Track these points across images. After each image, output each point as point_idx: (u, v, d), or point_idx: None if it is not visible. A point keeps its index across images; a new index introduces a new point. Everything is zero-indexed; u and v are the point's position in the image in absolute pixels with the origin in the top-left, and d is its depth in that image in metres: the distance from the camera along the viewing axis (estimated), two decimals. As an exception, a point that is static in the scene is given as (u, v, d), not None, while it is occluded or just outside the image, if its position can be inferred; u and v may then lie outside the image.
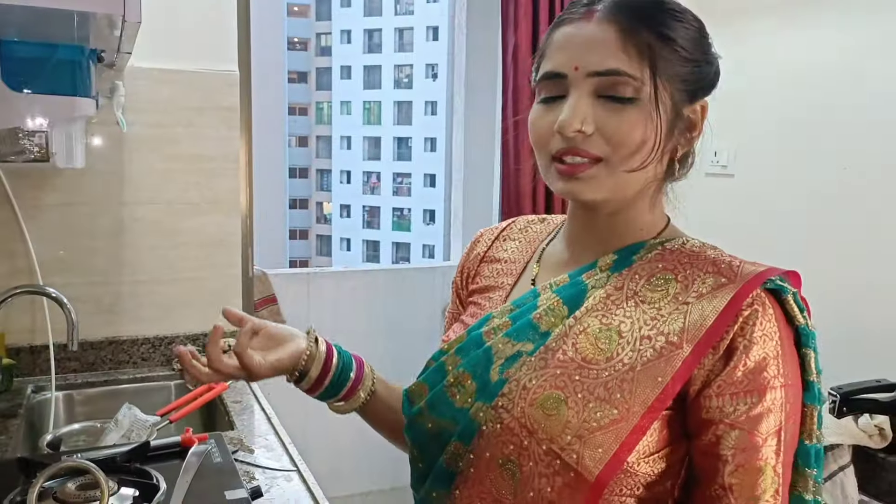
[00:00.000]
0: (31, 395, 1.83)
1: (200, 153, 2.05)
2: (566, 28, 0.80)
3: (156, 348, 2.05)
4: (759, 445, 0.72)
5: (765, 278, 0.75)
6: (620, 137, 0.76)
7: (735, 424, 0.72)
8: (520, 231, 0.99)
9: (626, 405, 0.73)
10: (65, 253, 1.94)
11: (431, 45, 31.96)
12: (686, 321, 0.74)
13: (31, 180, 1.88)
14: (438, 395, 0.85)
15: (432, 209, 31.82)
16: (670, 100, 0.78)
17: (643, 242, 0.83)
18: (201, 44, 2.02)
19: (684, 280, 0.78)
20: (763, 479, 0.72)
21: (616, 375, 0.74)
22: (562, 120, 0.76)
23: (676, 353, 0.73)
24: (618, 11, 0.77)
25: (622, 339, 0.76)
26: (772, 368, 0.73)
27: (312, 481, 1.41)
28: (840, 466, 1.64)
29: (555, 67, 0.79)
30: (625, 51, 0.76)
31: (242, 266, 2.18)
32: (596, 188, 0.78)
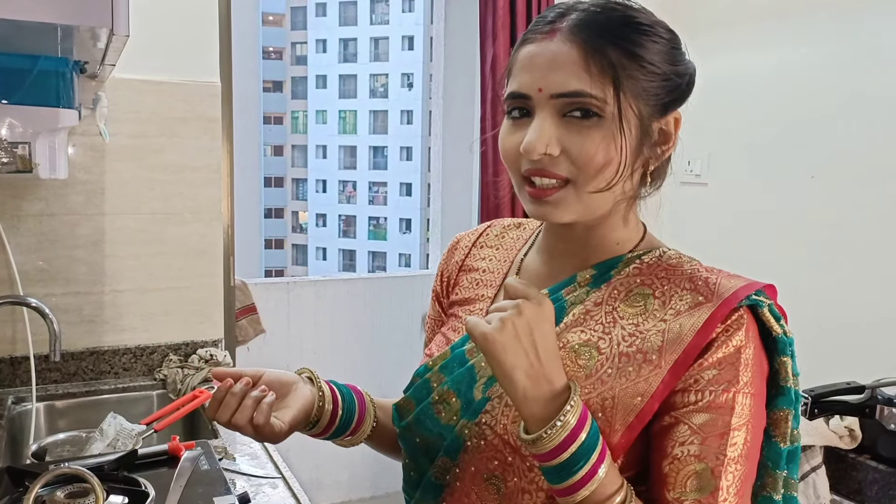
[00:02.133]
0: (12, 407, 1.82)
1: (183, 163, 2.06)
2: (530, 47, 0.78)
3: (137, 358, 2.05)
4: (703, 441, 0.72)
5: (741, 297, 0.74)
6: (585, 158, 0.75)
7: (680, 419, 0.73)
8: (497, 237, 0.98)
9: (607, 425, 0.73)
10: (46, 263, 1.94)
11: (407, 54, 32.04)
12: (664, 339, 0.75)
13: (12, 190, 1.88)
14: (425, 412, 0.86)
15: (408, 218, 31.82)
16: (637, 117, 0.77)
17: (621, 257, 0.83)
18: (183, 55, 2.03)
19: (661, 296, 0.78)
20: (699, 477, 0.71)
21: (597, 395, 0.75)
22: (527, 142, 0.76)
23: (654, 373, 0.73)
24: (580, 30, 0.76)
25: (601, 355, 0.77)
26: (728, 373, 0.72)
27: (298, 488, 1.43)
28: (812, 467, 1.68)
29: (519, 88, 0.78)
30: (587, 70, 0.75)
31: (224, 275, 2.19)
32: (565, 210, 0.78)
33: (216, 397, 0.84)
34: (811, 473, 1.68)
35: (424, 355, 0.94)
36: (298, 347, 2.99)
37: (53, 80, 1.58)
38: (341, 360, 2.98)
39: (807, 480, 1.69)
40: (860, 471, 1.66)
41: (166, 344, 2.09)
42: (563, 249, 0.86)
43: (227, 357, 2.11)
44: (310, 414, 0.90)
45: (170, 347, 2.09)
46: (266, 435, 0.85)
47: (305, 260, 34.86)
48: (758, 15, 2.63)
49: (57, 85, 1.58)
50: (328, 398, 0.91)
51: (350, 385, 0.96)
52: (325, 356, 3.00)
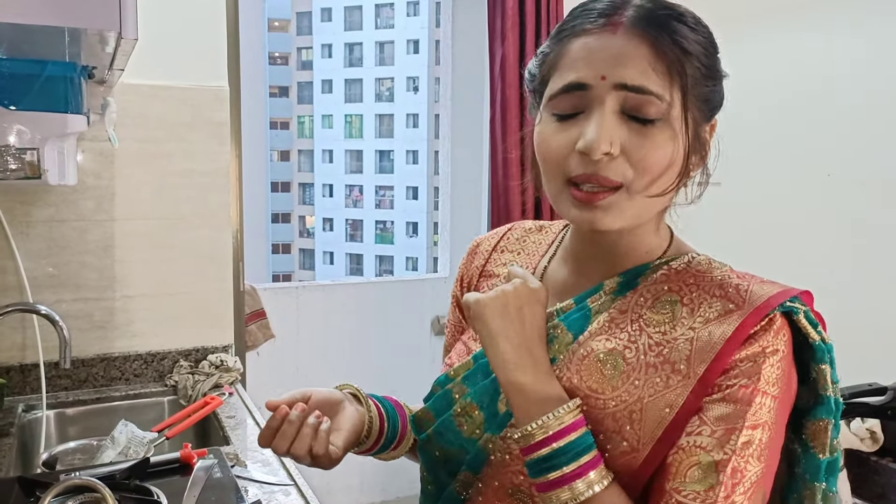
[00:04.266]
0: (22, 415, 1.81)
1: (191, 168, 2.05)
2: (586, 39, 0.73)
3: (148, 364, 2.04)
4: (709, 434, 0.68)
5: (774, 305, 0.71)
6: (648, 162, 0.71)
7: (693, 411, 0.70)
8: (517, 241, 0.94)
9: (636, 437, 0.71)
10: (55, 269, 1.93)
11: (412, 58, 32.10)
12: (692, 348, 0.71)
13: (22, 196, 1.87)
14: (446, 424, 0.83)
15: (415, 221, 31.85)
16: (694, 122, 0.74)
17: (648, 264, 0.80)
18: (191, 60, 2.02)
19: (690, 303, 0.75)
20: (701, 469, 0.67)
21: (624, 407, 0.72)
22: (589, 140, 0.70)
23: (683, 383, 0.70)
24: (647, 25, 0.71)
25: (627, 365, 0.73)
26: (750, 369, 0.69)
27: (310, 494, 1.41)
28: (833, 470, 1.66)
29: (578, 78, 0.72)
30: (654, 69, 0.70)
31: (234, 281, 2.18)
32: (615, 217, 0.73)
33: (270, 426, 0.80)
34: (832, 477, 1.66)
35: (444, 364, 0.91)
36: (308, 352, 2.98)
37: (61, 85, 1.57)
38: (350, 363, 2.97)
39: (827, 484, 1.66)
40: (882, 474, 1.63)
41: (177, 350, 2.08)
42: (591, 255, 0.82)
43: (238, 363, 2.10)
44: (360, 434, 0.87)
45: (180, 353, 2.08)
46: (323, 463, 0.82)
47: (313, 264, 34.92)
48: (773, 12, 2.61)
49: (65, 90, 1.57)
50: (375, 416, 0.89)
51: (390, 398, 0.94)
52: (335, 360, 2.98)
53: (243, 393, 1.99)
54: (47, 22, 1.12)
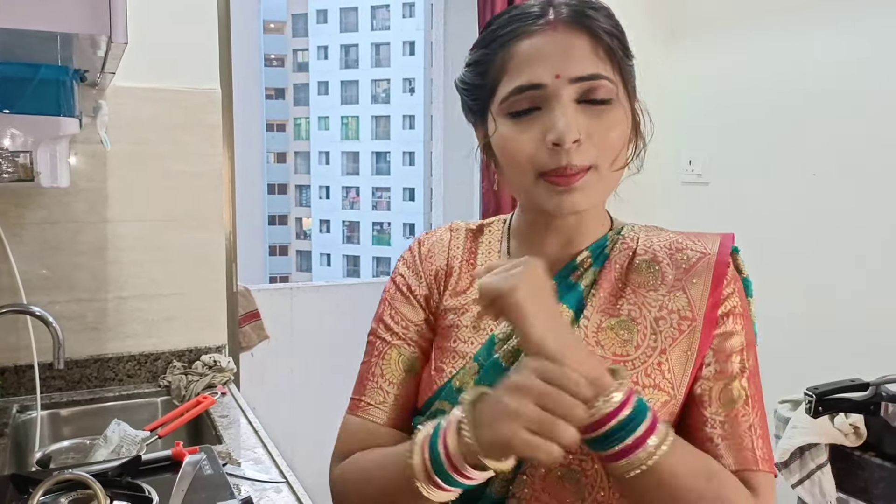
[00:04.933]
0: (17, 416, 1.83)
1: (184, 170, 2.07)
2: (530, 40, 0.79)
3: (141, 365, 2.05)
4: (726, 359, 0.81)
5: (729, 246, 0.86)
6: (609, 141, 0.79)
7: (708, 345, 0.82)
8: (466, 240, 0.94)
9: (670, 385, 0.80)
10: (49, 271, 1.94)
11: (408, 59, 32.15)
12: (688, 295, 0.83)
13: (15, 199, 1.89)
14: None
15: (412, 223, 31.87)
16: (630, 97, 0.84)
17: (605, 236, 0.88)
18: (183, 62, 2.04)
19: (664, 259, 0.85)
20: (731, 389, 0.80)
21: (651, 361, 0.81)
22: (560, 131, 0.76)
23: (693, 326, 0.82)
24: (581, 18, 0.79)
25: (639, 325, 0.82)
26: (730, 302, 0.83)
27: (302, 492, 1.43)
28: (818, 465, 1.68)
29: (532, 79, 0.78)
30: (597, 55, 0.78)
31: (227, 282, 2.19)
32: (590, 196, 0.80)
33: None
34: (817, 472, 1.68)
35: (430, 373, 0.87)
36: (302, 353, 2.99)
37: (54, 88, 1.59)
38: (345, 365, 2.97)
39: (812, 479, 1.68)
40: (866, 469, 1.65)
41: (170, 350, 2.09)
42: (552, 239, 0.87)
43: (231, 363, 2.12)
44: None
45: (174, 354, 2.09)
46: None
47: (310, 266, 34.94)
48: (757, 14, 2.63)
49: (57, 93, 1.59)
50: None
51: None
52: (329, 361, 2.99)
53: (236, 393, 2.01)
54: (38, 27, 1.13)
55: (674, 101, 2.96)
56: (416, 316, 0.92)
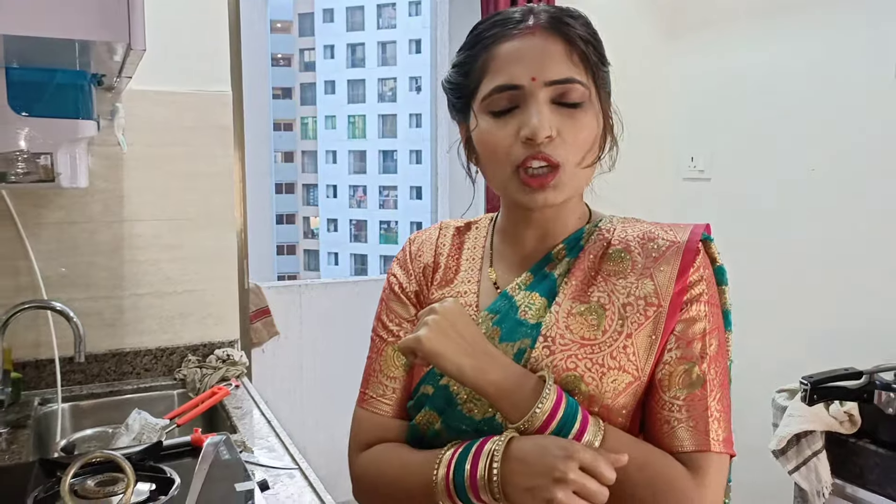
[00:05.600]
0: (38, 408, 1.89)
1: (196, 171, 2.13)
2: (510, 43, 0.86)
3: (157, 359, 2.12)
4: (687, 344, 0.85)
5: (699, 234, 0.90)
6: (579, 141, 0.85)
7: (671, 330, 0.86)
8: (453, 237, 1.02)
9: (635, 367, 0.85)
10: (67, 269, 2.01)
11: (414, 57, 32.16)
12: (655, 283, 0.87)
13: (34, 199, 1.96)
14: (455, 416, 0.89)
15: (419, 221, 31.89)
16: (604, 100, 0.89)
17: (582, 229, 0.94)
18: (195, 66, 2.10)
19: (636, 249, 0.90)
20: (691, 374, 0.84)
21: (617, 345, 0.85)
22: (533, 127, 0.83)
23: (659, 312, 0.86)
24: (558, 25, 0.85)
25: (607, 311, 0.87)
26: (696, 289, 0.87)
27: (314, 478, 1.48)
28: (814, 452, 1.72)
29: (511, 80, 0.84)
30: (571, 60, 0.85)
31: (239, 279, 2.26)
32: (560, 192, 0.86)
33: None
34: (813, 458, 1.73)
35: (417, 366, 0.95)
36: (311, 349, 3.05)
37: (72, 92, 1.65)
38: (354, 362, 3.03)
39: (808, 465, 1.73)
40: (861, 455, 1.70)
41: (184, 345, 2.16)
42: (531, 234, 0.94)
43: (244, 357, 2.18)
44: None
45: (188, 348, 2.16)
46: None
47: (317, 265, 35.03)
48: (757, 11, 2.68)
49: (76, 97, 1.65)
50: None
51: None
52: (338, 356, 3.06)
53: (249, 385, 2.07)
54: (60, 35, 1.19)
55: (676, 98, 3.01)
56: (407, 313, 1.00)
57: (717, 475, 0.83)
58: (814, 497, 1.74)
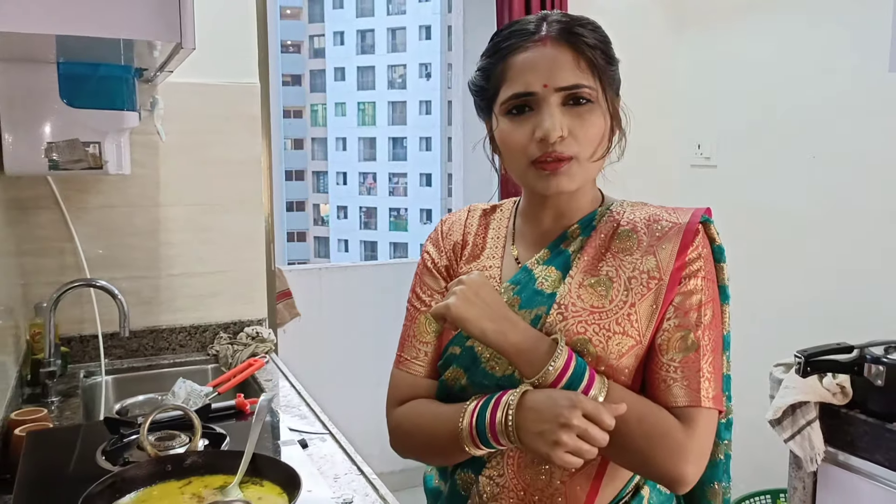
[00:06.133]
0: (84, 380, 2.03)
1: (227, 158, 2.26)
2: (524, 54, 0.97)
3: (192, 336, 2.26)
4: (684, 314, 0.96)
5: (699, 216, 1.01)
6: (588, 137, 0.97)
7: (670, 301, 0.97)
8: (480, 218, 1.15)
9: (636, 332, 0.96)
10: (107, 251, 2.14)
11: (424, 44, 32.11)
12: (658, 259, 0.98)
13: (78, 185, 2.09)
14: (479, 373, 1.01)
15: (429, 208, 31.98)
16: (610, 99, 0.99)
17: (595, 211, 1.06)
18: (227, 59, 2.22)
19: (642, 229, 1.01)
20: (686, 339, 0.95)
21: (621, 312, 0.97)
22: (546, 129, 0.94)
23: (660, 284, 0.97)
24: (567, 35, 0.96)
25: (614, 283, 0.99)
26: (694, 266, 0.98)
27: (345, 441, 1.62)
28: (807, 421, 1.84)
29: (526, 87, 0.96)
30: (579, 67, 0.96)
31: (266, 261, 2.39)
32: (572, 180, 0.98)
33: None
34: (806, 427, 1.84)
35: (446, 330, 1.07)
36: (331, 329, 3.19)
37: (118, 86, 1.78)
38: (372, 341, 3.16)
39: (803, 434, 1.85)
40: (852, 424, 1.81)
41: (216, 323, 2.29)
42: (549, 216, 1.06)
43: (272, 334, 2.31)
44: None
45: (220, 326, 2.29)
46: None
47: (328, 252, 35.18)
48: (762, 4, 2.77)
49: (122, 90, 1.78)
50: None
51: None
52: (356, 336, 3.19)
53: (277, 360, 2.21)
54: (120, 35, 1.31)
55: (683, 87, 3.11)
56: (438, 285, 1.12)
57: (705, 427, 0.95)
58: (807, 463, 1.86)
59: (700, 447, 0.94)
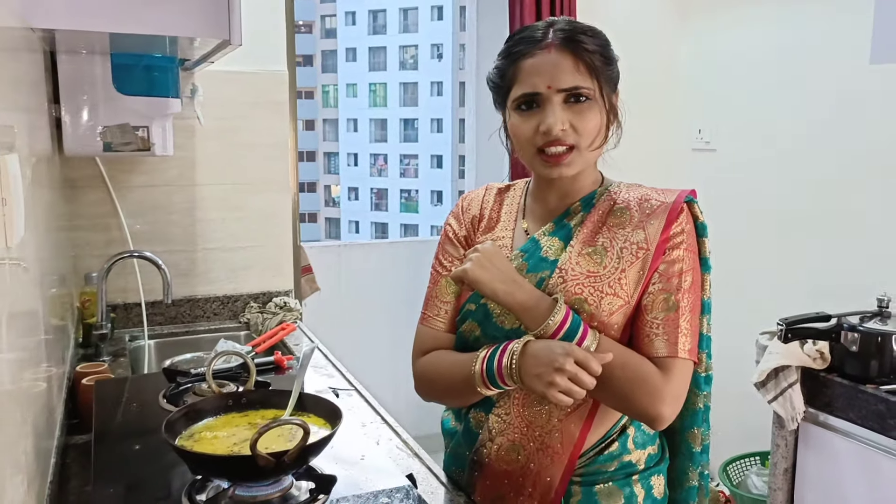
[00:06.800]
0: (129, 343, 2.23)
1: (256, 141, 2.44)
2: (532, 59, 1.13)
3: (224, 305, 2.45)
4: (667, 279, 1.13)
5: (684, 196, 1.18)
6: (586, 130, 1.13)
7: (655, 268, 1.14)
8: (496, 196, 1.32)
9: (625, 293, 1.14)
10: (149, 226, 2.33)
11: (436, 24, 32.05)
12: (646, 232, 1.15)
13: (122, 165, 2.27)
14: (491, 326, 1.20)
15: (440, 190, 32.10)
16: (606, 96, 1.15)
17: (595, 191, 1.23)
18: (258, 48, 2.38)
19: (634, 207, 1.18)
20: (668, 301, 1.13)
21: (613, 276, 1.14)
22: (550, 124, 1.11)
23: (647, 254, 1.14)
24: (569, 43, 1.12)
25: (608, 253, 1.16)
26: (677, 239, 1.15)
27: (370, 396, 1.81)
28: (789, 384, 2.01)
29: (532, 88, 1.12)
30: (578, 70, 1.12)
31: (292, 236, 2.57)
32: (572, 167, 1.15)
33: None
34: (788, 389, 2.02)
35: (464, 290, 1.27)
36: (350, 303, 3.37)
37: (165, 75, 1.96)
38: (390, 315, 3.34)
39: (785, 395, 2.03)
40: (830, 387, 1.99)
41: (247, 293, 2.49)
42: (555, 195, 1.24)
43: (298, 304, 2.50)
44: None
45: (250, 296, 2.49)
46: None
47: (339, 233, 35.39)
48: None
49: (167, 79, 1.97)
50: None
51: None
52: (373, 310, 3.37)
53: (303, 326, 2.40)
54: (176, 33, 1.49)
55: (684, 73, 3.26)
56: (457, 253, 1.30)
57: (681, 374, 1.12)
58: (788, 422, 2.03)
59: (675, 391, 1.12)
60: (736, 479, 2.81)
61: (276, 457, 0.94)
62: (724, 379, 1.62)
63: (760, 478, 2.68)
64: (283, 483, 1.02)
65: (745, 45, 2.99)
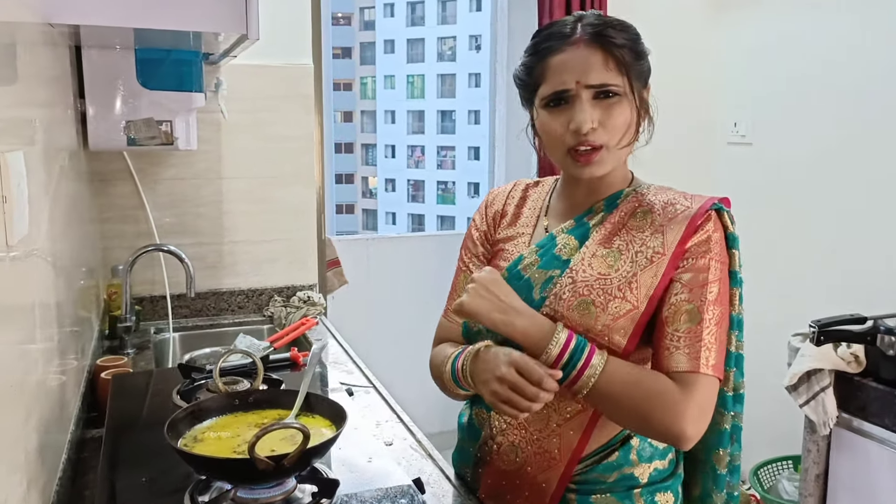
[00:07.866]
0: (154, 336, 2.25)
1: (283, 134, 2.44)
2: (560, 56, 1.10)
3: (249, 298, 2.46)
4: (690, 290, 1.07)
5: (710, 203, 1.11)
6: (616, 127, 1.09)
7: (674, 279, 1.08)
8: (522, 191, 1.30)
9: (634, 298, 1.09)
10: (177, 219, 2.35)
11: (475, 15, 31.87)
12: (664, 237, 1.10)
13: (150, 159, 2.29)
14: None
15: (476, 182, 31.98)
16: (637, 91, 1.11)
17: (620, 192, 1.18)
18: (284, 41, 2.39)
19: (658, 211, 1.13)
20: (691, 313, 1.06)
21: (624, 280, 1.10)
22: (579, 122, 1.07)
23: (662, 259, 1.09)
24: (598, 38, 1.08)
25: (623, 255, 1.12)
26: (703, 247, 1.09)
27: (387, 394, 1.79)
28: (822, 388, 1.95)
29: (562, 86, 1.09)
30: (607, 67, 1.08)
31: (317, 230, 2.57)
32: (602, 167, 1.11)
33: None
34: (820, 393, 1.95)
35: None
36: (377, 297, 3.36)
37: (188, 69, 1.96)
38: (415, 311, 3.32)
39: (817, 399, 1.96)
40: (863, 391, 1.92)
41: (272, 287, 2.49)
42: (580, 193, 1.20)
43: (322, 298, 2.50)
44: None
45: (275, 290, 2.49)
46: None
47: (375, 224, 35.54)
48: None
49: (191, 73, 1.97)
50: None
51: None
52: (401, 303, 3.36)
53: (326, 321, 2.40)
54: (196, 28, 1.50)
55: (720, 67, 3.18)
56: (476, 250, 1.31)
57: (704, 391, 1.04)
58: (821, 427, 1.97)
59: (698, 407, 1.04)
60: (767, 483, 2.74)
61: (275, 460, 0.92)
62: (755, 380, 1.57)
63: (792, 483, 2.61)
64: (286, 486, 1.00)
65: (783, 36, 2.90)
